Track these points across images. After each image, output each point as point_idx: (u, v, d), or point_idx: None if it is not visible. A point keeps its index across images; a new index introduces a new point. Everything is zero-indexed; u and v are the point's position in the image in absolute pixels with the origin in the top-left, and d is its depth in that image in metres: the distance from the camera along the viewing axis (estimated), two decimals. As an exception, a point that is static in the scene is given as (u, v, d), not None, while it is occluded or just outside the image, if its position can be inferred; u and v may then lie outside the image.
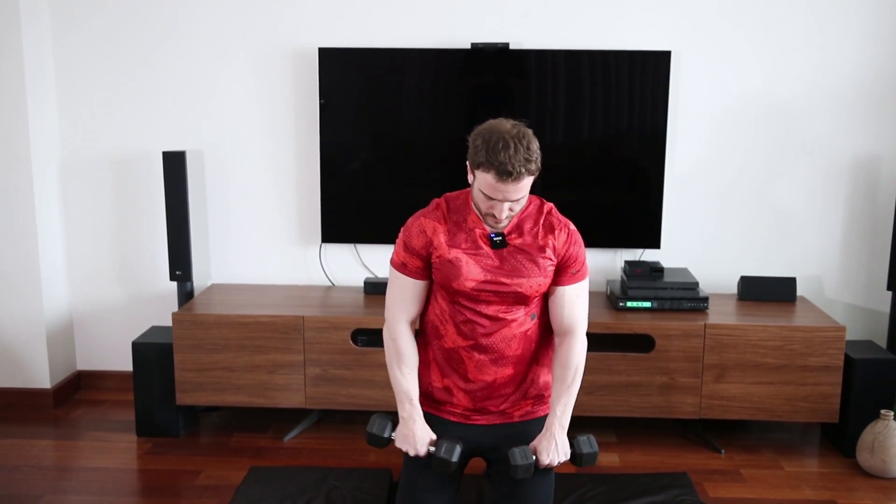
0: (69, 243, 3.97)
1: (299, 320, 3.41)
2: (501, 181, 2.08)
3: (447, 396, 2.32)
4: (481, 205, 2.18)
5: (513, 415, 2.32)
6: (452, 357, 2.29)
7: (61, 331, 3.97)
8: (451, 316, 2.26)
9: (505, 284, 2.22)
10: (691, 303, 3.47)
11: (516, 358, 2.27)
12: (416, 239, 2.28)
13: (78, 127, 3.88)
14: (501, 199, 2.12)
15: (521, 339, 2.26)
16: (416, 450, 2.27)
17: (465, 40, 3.63)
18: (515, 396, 2.32)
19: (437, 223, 2.27)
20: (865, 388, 3.35)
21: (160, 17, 3.77)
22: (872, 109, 3.68)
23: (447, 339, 2.28)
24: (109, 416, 3.79)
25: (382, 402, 3.43)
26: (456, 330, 2.26)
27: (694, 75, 3.68)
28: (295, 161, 3.84)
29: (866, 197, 3.75)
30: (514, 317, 2.24)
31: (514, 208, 2.18)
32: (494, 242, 2.24)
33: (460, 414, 2.32)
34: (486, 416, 2.32)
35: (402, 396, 2.31)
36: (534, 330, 2.30)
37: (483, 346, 2.25)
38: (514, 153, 2.05)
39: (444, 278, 2.24)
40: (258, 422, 3.71)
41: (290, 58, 3.76)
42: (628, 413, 3.41)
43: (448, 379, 2.31)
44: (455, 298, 2.25)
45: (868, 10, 3.60)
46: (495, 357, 2.25)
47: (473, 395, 2.29)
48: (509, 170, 2.05)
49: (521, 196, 2.15)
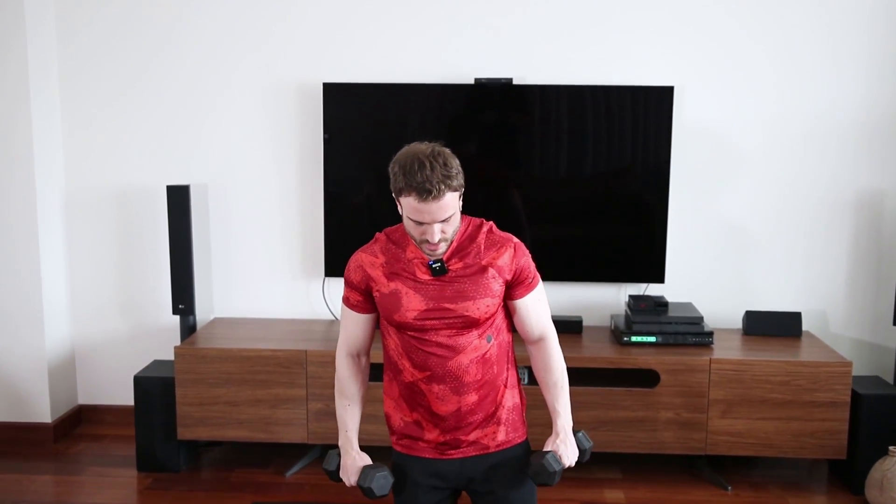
0: (72, 277, 3.97)
1: (302, 354, 3.39)
2: (423, 201, 2.04)
3: (419, 431, 2.27)
4: (414, 232, 2.13)
5: (488, 445, 2.26)
6: (414, 391, 2.24)
7: (63, 364, 3.95)
8: (404, 350, 2.22)
9: (449, 310, 2.16)
10: (696, 337, 3.46)
11: (477, 384, 2.20)
12: (353, 273, 2.26)
13: (82, 161, 3.90)
14: (430, 222, 2.07)
15: (478, 363, 2.19)
16: (349, 480, 2.27)
17: (469, 75, 3.65)
18: (486, 423, 2.25)
19: (374, 257, 2.24)
20: (873, 425, 3.32)
21: (165, 52, 3.80)
22: (876, 144, 3.68)
23: (405, 374, 2.24)
24: (110, 451, 3.76)
25: (386, 438, 3.38)
26: (411, 363, 2.21)
27: (697, 110, 3.69)
28: (299, 195, 3.85)
29: (871, 231, 3.74)
30: (468, 342, 2.18)
31: (447, 231, 2.11)
32: (434, 270, 2.16)
33: (434, 449, 2.27)
34: (460, 448, 2.24)
35: (340, 426, 2.33)
36: (493, 353, 2.22)
37: (440, 375, 2.18)
38: (431, 171, 2.03)
39: (385, 311, 2.21)
40: (260, 457, 3.68)
41: (294, 93, 3.78)
42: (633, 449, 3.38)
43: (415, 412, 2.26)
44: (402, 331, 2.21)
45: (872, 45, 3.62)
46: (455, 386, 2.19)
47: (442, 426, 2.24)
48: (429, 188, 2.02)
49: (449, 215, 2.09)
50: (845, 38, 3.63)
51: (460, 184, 2.09)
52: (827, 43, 3.64)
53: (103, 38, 3.81)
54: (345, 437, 2.31)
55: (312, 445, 3.60)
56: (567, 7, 3.68)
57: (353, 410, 2.33)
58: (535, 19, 3.69)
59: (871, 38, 3.62)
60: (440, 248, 2.13)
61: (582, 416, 3.35)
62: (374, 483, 2.21)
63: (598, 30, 3.68)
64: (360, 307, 2.27)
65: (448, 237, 2.12)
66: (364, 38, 3.74)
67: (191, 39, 3.79)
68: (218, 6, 3.76)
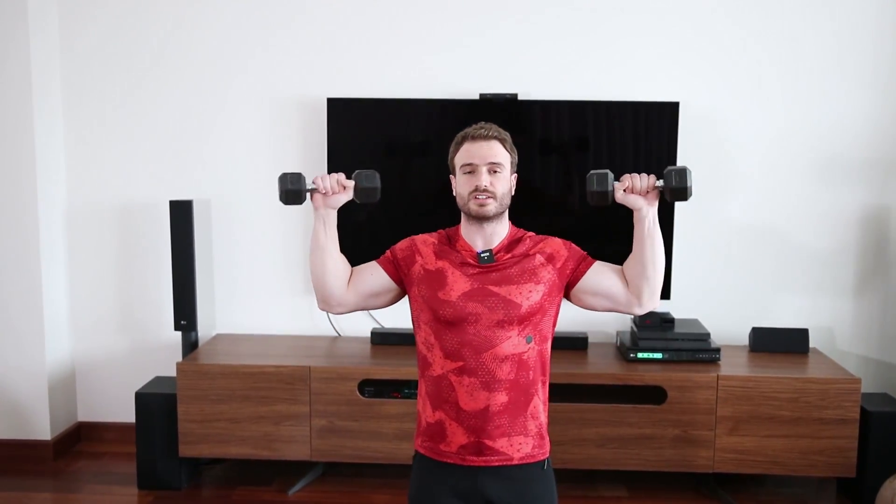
0: (73, 292, 3.95)
1: (305, 371, 3.36)
2: (475, 143, 2.21)
3: (441, 434, 2.23)
4: (464, 188, 2.21)
5: (512, 456, 2.22)
6: (442, 385, 2.20)
7: (63, 381, 3.92)
8: (437, 338, 2.20)
9: (493, 293, 2.16)
10: (703, 354, 3.43)
11: (510, 383, 2.17)
12: (399, 246, 2.32)
13: (85, 175, 3.88)
14: (479, 162, 2.19)
15: (514, 361, 2.16)
16: (335, 179, 2.26)
17: (474, 91, 3.65)
18: (512, 432, 2.21)
19: (428, 237, 2.31)
20: (882, 442, 3.29)
21: (168, 66, 3.80)
22: (883, 159, 3.67)
23: (435, 367, 2.20)
24: (110, 469, 3.72)
25: (390, 454, 3.37)
26: (443, 353, 2.18)
27: (702, 126, 3.68)
28: (302, 211, 3.82)
29: (877, 247, 3.72)
30: (506, 335, 2.17)
31: (496, 184, 2.19)
32: (482, 258, 2.21)
33: (455, 454, 2.22)
34: (482, 455, 2.19)
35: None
36: (531, 356, 2.19)
37: (472, 367, 2.14)
38: (486, 124, 2.25)
39: (429, 290, 2.20)
40: (262, 475, 3.64)
41: (298, 107, 3.77)
42: (640, 466, 3.34)
43: (439, 411, 2.21)
44: (440, 314, 2.19)
45: (879, 60, 3.63)
46: (486, 380, 2.15)
47: (467, 425, 2.20)
48: (481, 131, 2.21)
49: (499, 161, 2.20)
50: (852, 54, 3.63)
51: (512, 147, 2.26)
52: (833, 58, 3.64)
53: (106, 54, 3.81)
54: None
55: (316, 463, 3.56)
56: (572, 23, 3.68)
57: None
58: (541, 35, 3.69)
59: (877, 54, 3.62)
60: (488, 204, 2.18)
61: (588, 433, 3.32)
62: (362, 174, 2.26)
63: (604, 45, 3.68)
64: (384, 264, 2.30)
65: (496, 194, 2.19)
66: (369, 53, 3.73)
67: (194, 54, 3.79)
68: (221, 21, 3.76)
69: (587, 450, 3.33)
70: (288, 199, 2.28)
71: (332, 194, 2.28)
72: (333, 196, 2.28)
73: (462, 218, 2.28)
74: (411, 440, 2.57)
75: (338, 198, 2.29)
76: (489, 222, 2.22)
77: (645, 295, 2.27)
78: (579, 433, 3.33)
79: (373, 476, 3.60)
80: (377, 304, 2.35)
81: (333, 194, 2.28)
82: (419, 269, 2.25)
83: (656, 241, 2.26)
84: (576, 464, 3.34)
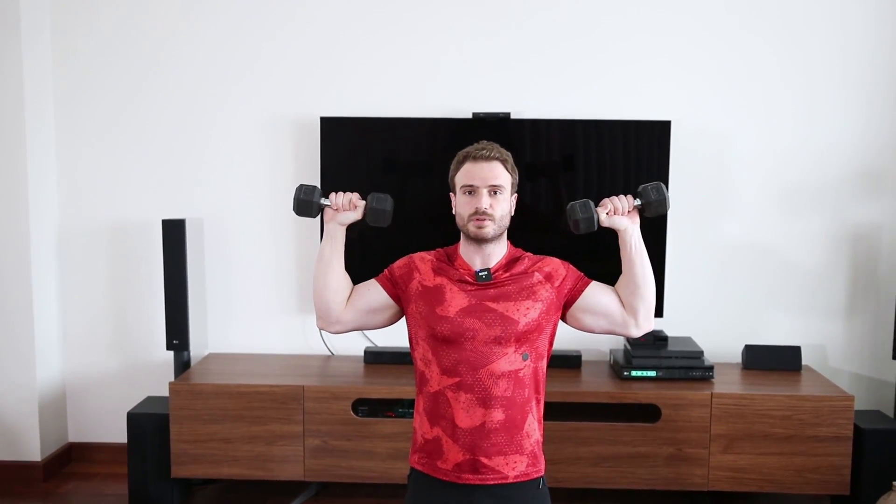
0: (64, 311, 3.92)
1: (299, 390, 3.35)
2: (476, 163, 2.23)
3: (438, 451, 2.23)
4: (465, 209, 2.24)
5: (507, 475, 2.22)
6: (439, 401, 2.20)
7: (53, 401, 3.89)
8: (434, 354, 2.21)
9: (491, 309, 2.18)
10: (697, 372, 3.43)
11: (506, 401, 2.17)
12: (397, 264, 2.36)
13: (77, 194, 3.87)
14: (480, 184, 2.22)
15: (510, 378, 2.18)
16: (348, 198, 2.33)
17: (467, 110, 3.66)
18: (508, 450, 2.21)
19: (426, 254, 2.34)
20: (876, 460, 3.29)
21: (161, 85, 3.80)
22: (874, 178, 3.70)
23: (432, 383, 2.21)
24: (101, 490, 3.69)
25: (384, 474, 3.35)
26: (440, 369, 2.19)
27: (694, 145, 3.70)
28: (295, 229, 3.82)
29: (869, 265, 3.74)
30: (503, 352, 2.18)
31: (495, 207, 2.22)
32: (480, 277, 2.23)
33: (451, 472, 2.22)
34: (478, 473, 2.19)
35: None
36: (527, 374, 2.21)
37: (469, 384, 2.16)
38: (488, 144, 2.28)
39: (427, 307, 2.21)
40: (255, 495, 3.62)
41: (291, 127, 3.78)
42: (635, 485, 3.33)
43: (436, 427, 2.21)
44: (438, 330, 2.20)
45: (872, 79, 3.66)
46: (483, 397, 2.16)
47: (463, 442, 2.19)
48: (482, 151, 2.24)
49: (499, 183, 2.23)
50: (843, 73, 3.66)
51: (513, 168, 2.29)
52: (825, 78, 3.67)
53: (99, 72, 3.81)
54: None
55: (309, 483, 3.55)
56: (565, 42, 3.70)
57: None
58: (534, 54, 3.71)
59: (869, 73, 3.66)
60: (487, 226, 2.21)
61: (582, 452, 3.31)
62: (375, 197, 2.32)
63: (596, 64, 3.70)
64: (382, 282, 2.33)
65: (496, 217, 2.22)
66: (362, 72, 3.74)
67: (187, 72, 3.79)
68: (215, 39, 3.77)
69: (582, 468, 3.32)
70: (300, 209, 2.34)
71: (343, 211, 2.32)
72: (343, 213, 2.34)
73: (461, 237, 2.31)
74: (405, 459, 2.57)
75: (347, 215, 2.35)
76: (488, 243, 2.24)
77: (641, 313, 2.30)
78: (574, 452, 3.32)
79: (367, 496, 3.58)
80: (375, 322, 2.36)
81: (344, 211, 2.33)
82: (417, 285, 2.27)
83: (645, 259, 2.31)
84: (571, 483, 3.33)
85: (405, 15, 3.73)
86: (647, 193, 2.31)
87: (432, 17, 3.73)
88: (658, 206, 2.31)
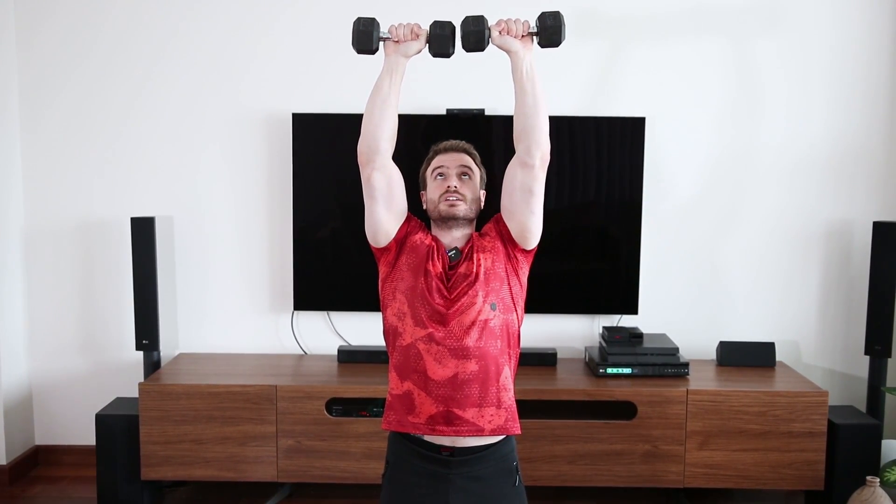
0: (31, 311, 3.84)
1: (271, 390, 3.30)
2: (446, 153, 2.33)
3: (408, 404, 2.20)
4: (436, 193, 2.28)
5: (483, 427, 2.19)
6: (410, 354, 2.19)
7: (19, 403, 3.81)
8: (410, 307, 2.21)
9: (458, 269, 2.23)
10: (672, 369, 3.43)
11: (478, 351, 2.17)
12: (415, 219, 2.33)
13: (43, 192, 3.79)
14: (450, 165, 2.30)
15: (481, 328, 2.18)
16: (409, 27, 2.29)
17: (441, 106, 3.63)
18: (483, 401, 2.19)
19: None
20: (850, 454, 3.31)
21: (130, 79, 3.73)
22: (844, 175, 3.72)
23: (405, 335, 2.21)
24: (69, 494, 3.62)
25: (358, 474, 3.32)
26: (414, 321, 2.19)
27: (668, 142, 3.70)
28: (267, 227, 3.77)
29: (841, 261, 3.76)
30: (471, 300, 2.18)
31: (464, 189, 2.27)
32: (451, 256, 2.26)
33: (425, 425, 2.19)
34: (452, 425, 2.16)
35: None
36: (497, 325, 2.21)
37: (441, 335, 2.16)
38: (453, 140, 2.37)
39: (417, 259, 2.24)
40: (227, 497, 3.56)
41: (263, 123, 3.73)
42: (611, 483, 3.32)
43: (407, 381, 2.18)
44: (419, 280, 2.21)
45: (839, 78, 3.68)
46: (455, 347, 2.16)
47: (436, 394, 2.17)
48: (453, 144, 2.35)
49: (468, 167, 2.31)
50: (816, 71, 3.68)
51: (480, 164, 2.38)
52: (798, 75, 3.68)
53: (66, 67, 3.73)
54: None
55: (283, 484, 3.50)
56: (538, 38, 3.68)
57: None
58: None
59: (841, 70, 3.68)
60: (459, 205, 2.26)
61: (559, 450, 3.30)
62: (437, 24, 2.25)
63: (571, 60, 3.68)
64: (406, 216, 2.30)
65: (465, 197, 2.27)
66: (334, 67, 3.70)
67: (157, 68, 3.73)
68: (185, 36, 3.71)
69: (558, 466, 3.31)
70: (360, 41, 2.27)
71: (405, 41, 2.29)
72: (405, 43, 2.29)
73: (431, 225, 2.33)
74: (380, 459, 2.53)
75: (410, 45, 2.30)
76: (458, 226, 2.27)
77: (532, 144, 2.28)
78: (550, 450, 3.30)
79: (341, 496, 3.54)
80: (382, 205, 2.26)
81: (405, 41, 2.28)
82: (419, 240, 2.28)
83: (537, 86, 2.31)
84: (546, 481, 3.31)
85: (377, 10, 3.68)
86: (543, 18, 2.25)
87: (404, 13, 3.68)
88: (552, 34, 2.25)
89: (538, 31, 2.24)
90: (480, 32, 2.24)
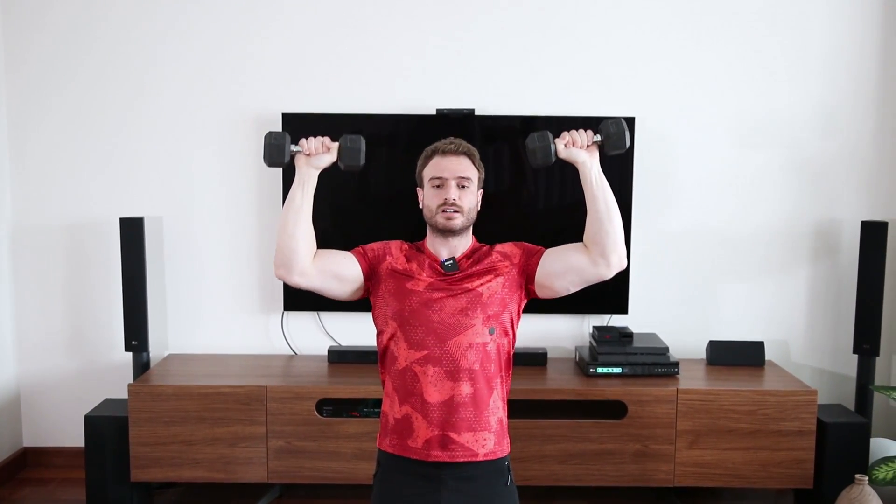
0: (18, 312, 3.82)
1: (262, 390, 3.29)
2: (444, 157, 2.31)
3: (407, 428, 2.21)
4: (433, 200, 2.29)
5: (477, 452, 2.21)
6: (406, 377, 2.21)
7: (7, 405, 3.79)
8: (402, 330, 2.22)
9: (457, 284, 2.25)
10: (662, 368, 3.44)
11: (474, 374, 2.19)
12: (373, 245, 2.36)
13: (31, 192, 3.77)
14: (448, 176, 2.28)
15: (477, 350, 2.20)
16: (320, 141, 2.30)
17: (431, 106, 3.63)
18: (477, 425, 2.20)
19: (399, 243, 2.38)
20: (838, 453, 3.32)
21: (119, 80, 3.72)
22: (833, 175, 3.74)
23: (400, 359, 2.23)
24: (58, 496, 3.60)
25: (349, 475, 3.31)
26: (408, 344, 2.21)
27: (659, 140, 3.70)
28: (257, 227, 3.77)
29: (829, 261, 3.78)
30: (470, 323, 2.20)
31: (463, 200, 2.28)
32: (446, 266, 2.27)
33: (421, 450, 2.20)
34: (447, 450, 2.18)
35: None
36: (493, 350, 2.23)
37: (436, 356, 2.18)
38: (456, 139, 2.36)
39: (396, 284, 2.25)
40: (217, 498, 3.55)
41: (252, 123, 3.72)
42: (602, 482, 3.33)
43: (406, 405, 2.21)
44: (407, 303, 2.22)
45: (830, 77, 3.69)
46: (451, 370, 2.17)
47: (432, 418, 2.18)
48: (451, 146, 2.32)
49: (467, 176, 2.30)
50: (804, 69, 3.69)
51: (479, 164, 2.36)
52: (787, 74, 3.70)
53: (53, 66, 3.71)
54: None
55: (273, 485, 3.49)
56: (529, 38, 3.68)
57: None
58: (498, 50, 3.69)
59: (829, 69, 3.69)
60: (456, 218, 2.27)
61: (549, 450, 3.30)
62: (348, 138, 2.29)
63: (561, 60, 3.69)
64: (357, 256, 2.32)
65: (463, 209, 2.28)
66: (324, 67, 3.70)
67: (145, 68, 3.71)
68: (174, 36, 3.69)
69: (548, 466, 3.31)
70: (271, 155, 2.26)
71: (316, 154, 2.29)
72: (316, 156, 2.30)
73: (428, 230, 2.35)
74: (371, 460, 2.53)
75: (321, 158, 2.31)
76: (455, 236, 2.28)
77: (609, 249, 2.28)
78: (540, 449, 3.31)
79: (331, 497, 3.54)
80: (334, 289, 2.32)
81: (317, 154, 2.29)
82: (388, 266, 2.30)
83: (607, 193, 2.31)
84: (537, 480, 3.32)
85: (368, 11, 3.69)
86: (606, 127, 2.29)
87: (396, 13, 3.69)
88: (616, 141, 2.28)
89: (602, 139, 2.29)
90: (546, 148, 2.28)
